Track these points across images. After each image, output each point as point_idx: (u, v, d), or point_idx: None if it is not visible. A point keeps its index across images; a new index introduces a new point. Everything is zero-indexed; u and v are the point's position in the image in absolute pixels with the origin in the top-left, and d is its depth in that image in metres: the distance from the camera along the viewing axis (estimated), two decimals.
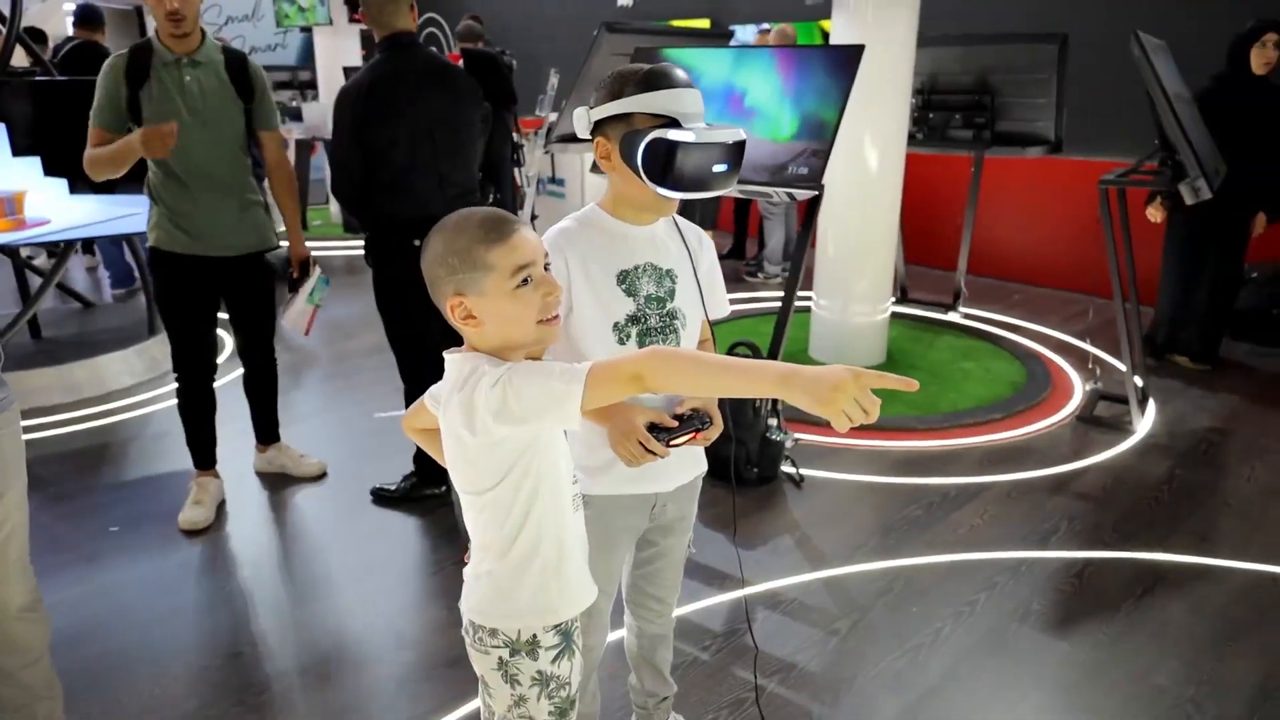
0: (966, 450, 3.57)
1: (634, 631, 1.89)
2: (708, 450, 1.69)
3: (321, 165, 8.00)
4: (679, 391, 1.23)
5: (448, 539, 2.93)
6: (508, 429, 1.22)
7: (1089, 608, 2.57)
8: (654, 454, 1.45)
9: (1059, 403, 4.04)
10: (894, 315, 4.73)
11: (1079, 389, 4.18)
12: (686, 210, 1.63)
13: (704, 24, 7.67)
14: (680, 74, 1.46)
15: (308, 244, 3.21)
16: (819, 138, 3.03)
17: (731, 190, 3.08)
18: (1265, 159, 4.20)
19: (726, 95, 3.26)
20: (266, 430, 3.32)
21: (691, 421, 1.47)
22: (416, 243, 2.83)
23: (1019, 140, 4.93)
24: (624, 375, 1.17)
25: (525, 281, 1.23)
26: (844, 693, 2.23)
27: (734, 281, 6.12)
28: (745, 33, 7.25)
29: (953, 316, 5.24)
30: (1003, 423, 3.80)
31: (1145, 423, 3.79)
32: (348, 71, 7.15)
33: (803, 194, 3.04)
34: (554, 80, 5.49)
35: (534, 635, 1.34)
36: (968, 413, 3.87)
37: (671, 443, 1.46)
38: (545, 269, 1.27)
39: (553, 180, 6.22)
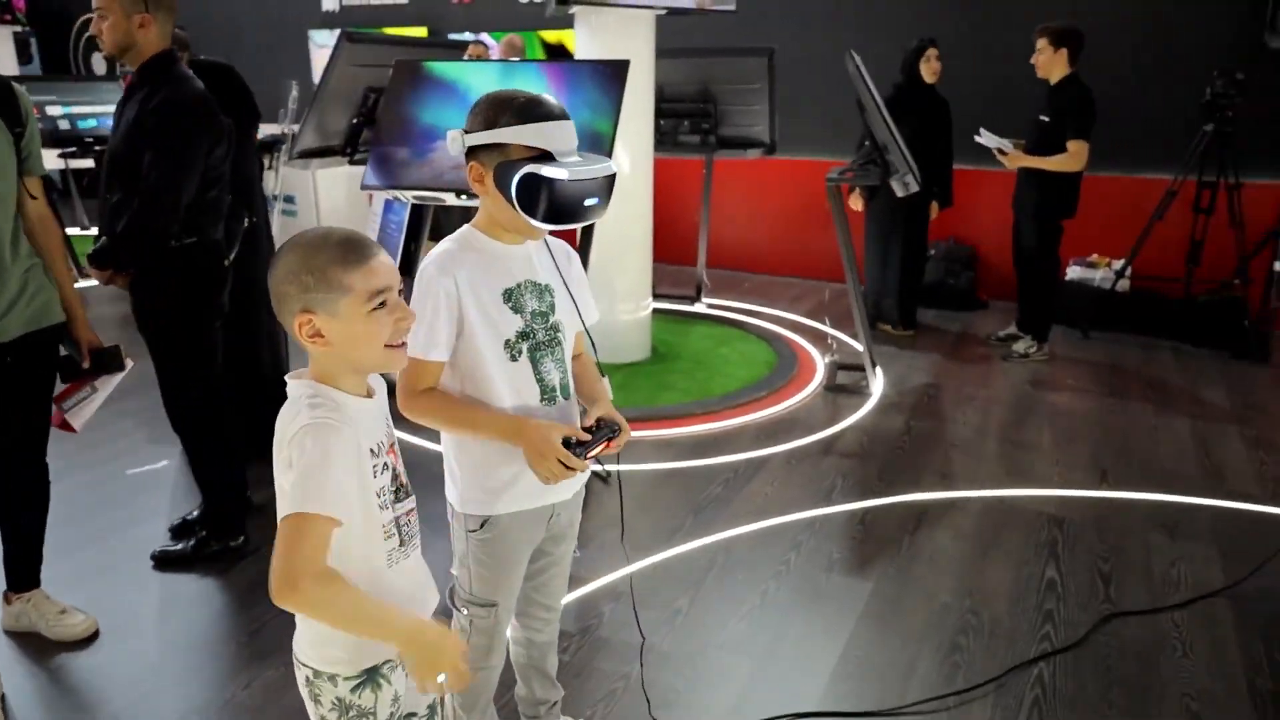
0: (743, 428, 3.92)
1: (522, 643, 1.92)
2: None
3: None
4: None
5: (261, 590, 2.70)
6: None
7: (877, 548, 2.97)
8: (573, 470, 1.50)
9: (807, 376, 4.55)
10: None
11: (820, 362, 4.73)
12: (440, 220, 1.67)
13: (420, 32, 7.53)
14: (555, 106, 1.51)
15: None
16: (598, 149, 3.17)
17: None
18: (935, 155, 5.01)
19: None
20: (23, 572, 2.49)
21: (603, 431, 1.53)
22: (226, 262, 2.75)
23: (740, 144, 5.45)
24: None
25: (381, 305, 1.25)
26: (700, 664, 2.40)
27: None
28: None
29: (699, 307, 5.68)
30: (767, 399, 4.22)
31: (878, 385, 4.39)
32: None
33: None
34: (295, 93, 5.14)
35: (334, 672, 1.34)
36: (736, 394, 4.24)
37: (588, 455, 1.51)
38: (399, 294, 1.28)
39: (280, 198, 5.83)
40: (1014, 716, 2.21)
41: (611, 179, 1.56)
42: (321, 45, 8.13)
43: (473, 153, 1.53)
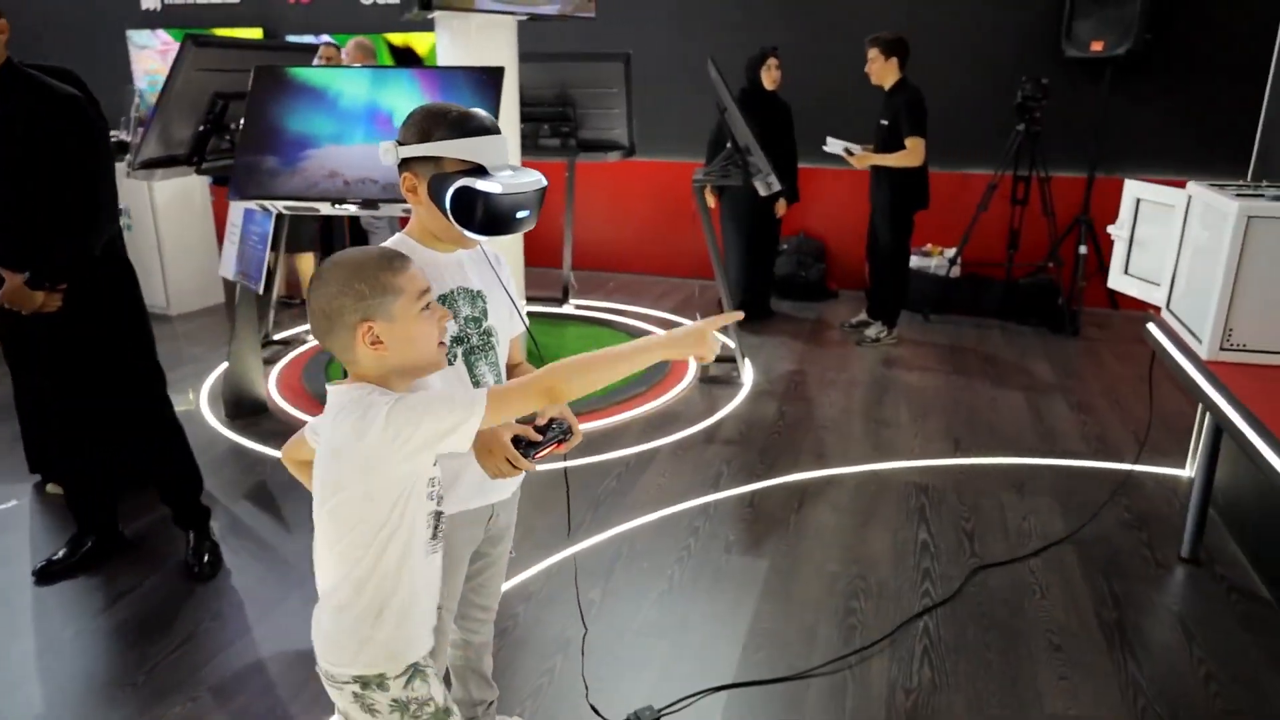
0: (629, 423, 4.04)
1: (459, 645, 1.94)
2: None
3: None
4: (585, 392, 1.37)
5: (146, 628, 2.56)
6: (402, 459, 1.28)
7: (768, 528, 3.16)
8: (518, 469, 1.55)
9: (681, 371, 4.72)
10: None
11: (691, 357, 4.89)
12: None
13: (255, 33, 7.19)
14: (488, 120, 1.56)
15: None
16: None
17: (395, 210, 3.12)
18: (779, 156, 5.31)
19: (372, 116, 3.25)
20: None
21: (554, 432, 1.57)
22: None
23: (600, 146, 5.56)
24: (533, 393, 1.32)
25: (426, 306, 1.34)
26: (619, 650, 2.49)
27: None
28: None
29: (567, 309, 5.75)
30: (647, 394, 4.35)
31: (748, 375, 4.62)
32: None
33: None
34: (137, 99, 4.80)
35: (381, 673, 1.38)
36: (617, 391, 4.35)
37: (537, 456, 1.55)
38: None
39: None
40: (908, 666, 2.43)
41: (542, 191, 1.61)
42: (142, 46, 7.61)
43: (406, 164, 1.56)
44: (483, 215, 1.53)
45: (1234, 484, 3.05)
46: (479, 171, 1.53)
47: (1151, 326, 2.83)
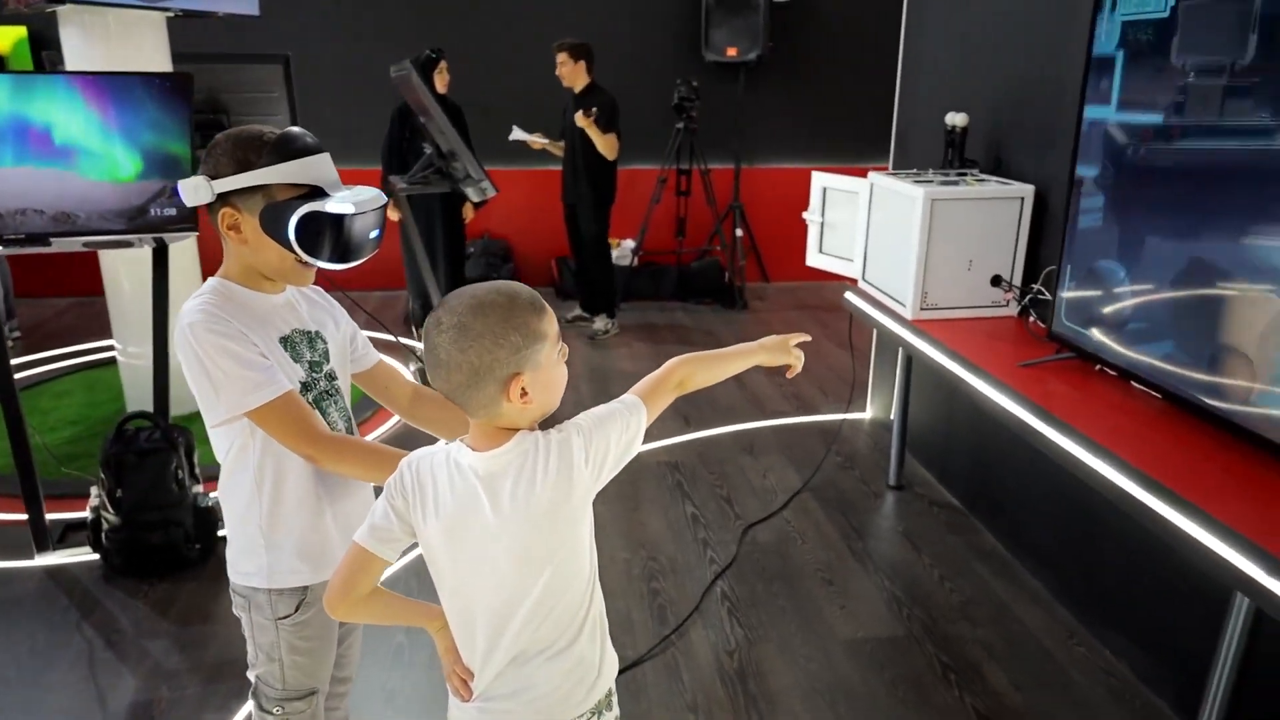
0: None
1: None
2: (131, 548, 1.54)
3: None
4: (705, 385, 1.38)
5: None
6: (600, 485, 1.23)
7: None
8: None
9: None
10: None
11: (406, 371, 4.70)
12: None
13: None
14: (310, 138, 1.41)
15: None
16: (174, 174, 2.77)
17: (74, 244, 2.71)
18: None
19: (22, 131, 2.67)
20: None
21: None
22: None
23: None
24: (669, 387, 1.33)
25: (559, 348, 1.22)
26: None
27: None
28: None
29: None
30: (374, 420, 4.11)
31: None
32: None
33: (176, 237, 2.78)
34: None
35: (609, 689, 1.35)
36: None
37: None
38: None
39: None
40: (721, 630, 2.63)
41: (384, 208, 1.50)
42: None
43: (223, 199, 1.36)
44: (335, 241, 1.40)
45: (918, 420, 3.69)
46: (316, 194, 1.39)
47: (850, 295, 3.32)
